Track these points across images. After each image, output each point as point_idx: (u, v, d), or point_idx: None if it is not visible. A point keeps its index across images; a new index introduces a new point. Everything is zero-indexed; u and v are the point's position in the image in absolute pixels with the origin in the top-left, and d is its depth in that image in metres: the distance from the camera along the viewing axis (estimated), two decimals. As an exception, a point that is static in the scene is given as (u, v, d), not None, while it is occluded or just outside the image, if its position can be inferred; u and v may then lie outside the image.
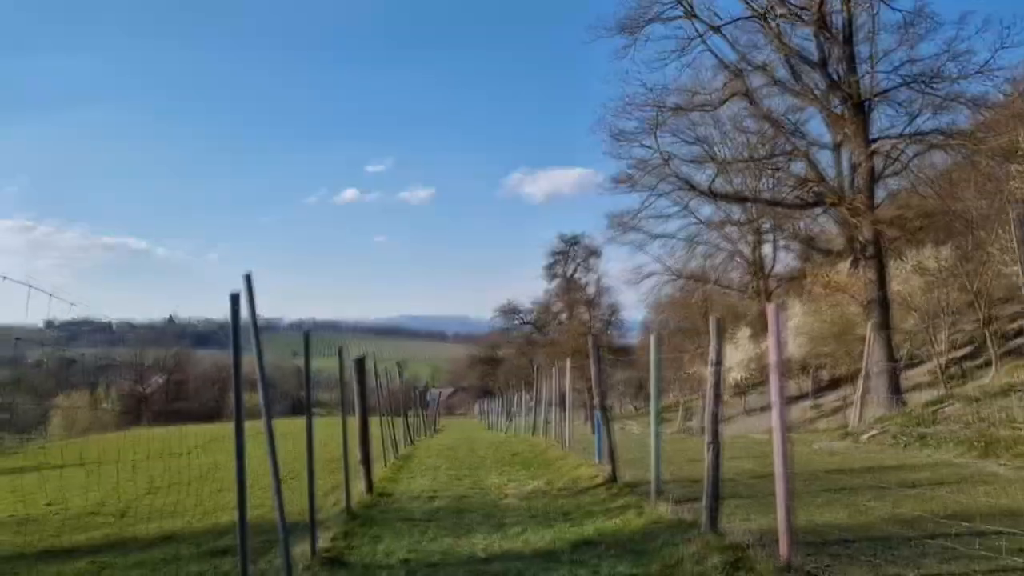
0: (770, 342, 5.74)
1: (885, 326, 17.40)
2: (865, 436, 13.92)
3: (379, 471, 13.05)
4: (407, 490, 11.04)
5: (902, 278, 25.48)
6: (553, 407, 20.24)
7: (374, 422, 14.73)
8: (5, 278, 4.07)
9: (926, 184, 20.02)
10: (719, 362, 6.68)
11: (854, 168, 18.68)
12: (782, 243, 53.98)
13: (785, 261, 55.45)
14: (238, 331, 5.36)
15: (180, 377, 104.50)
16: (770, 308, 5.98)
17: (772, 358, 5.75)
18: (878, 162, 18.83)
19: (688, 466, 12.12)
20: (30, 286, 4.18)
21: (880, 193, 34.78)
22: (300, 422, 8.69)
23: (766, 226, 51.46)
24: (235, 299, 5.22)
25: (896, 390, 17.23)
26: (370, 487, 10.47)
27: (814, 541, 6.23)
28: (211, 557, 7.35)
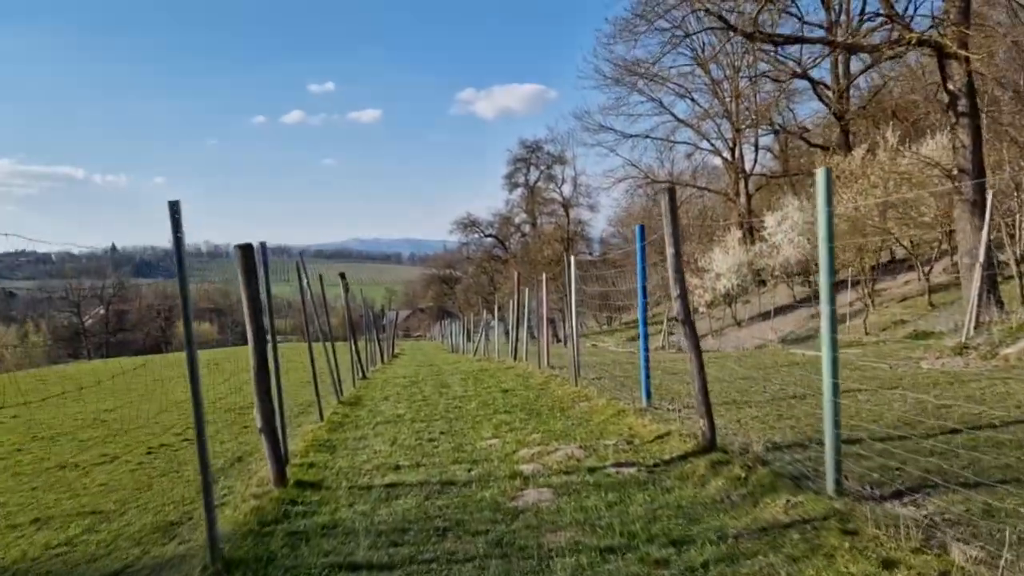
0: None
1: (980, 204, 13.20)
2: (1011, 352, 9.77)
3: (307, 433, 8.49)
4: (350, 469, 6.53)
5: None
6: (540, 326, 15.89)
7: (298, 352, 10.08)
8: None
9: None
10: None
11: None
12: (762, 141, 49.98)
13: (763, 161, 51.75)
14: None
15: (122, 307, 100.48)
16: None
17: None
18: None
19: (757, 410, 7.85)
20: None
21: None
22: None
23: (746, 123, 47.23)
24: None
25: (993, 287, 13.18)
26: (281, 474, 5.91)
27: None
28: None
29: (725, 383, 9.67)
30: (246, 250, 5.63)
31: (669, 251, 5.87)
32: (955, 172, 13.85)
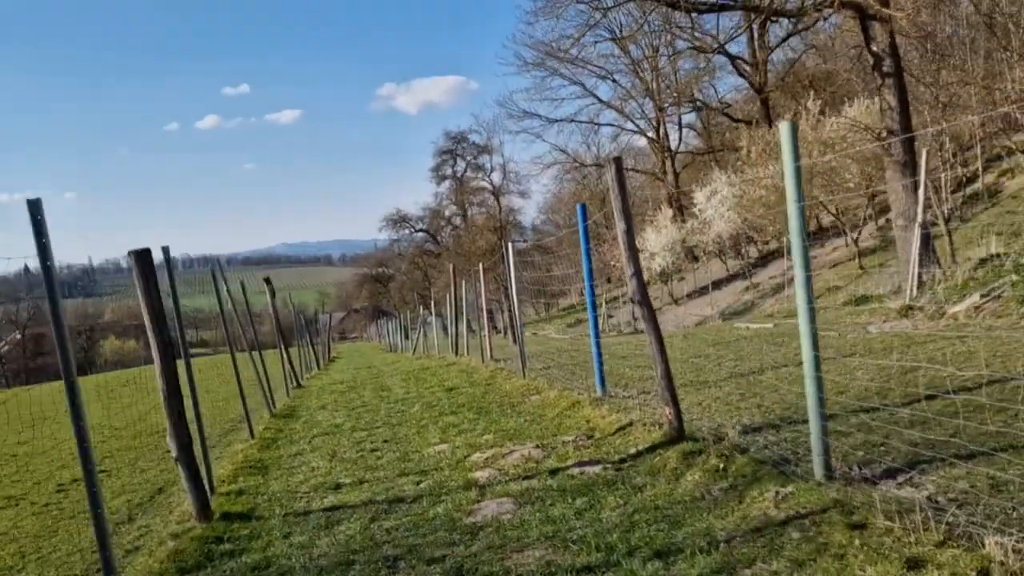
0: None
1: (911, 164, 13.25)
2: (959, 310, 9.70)
3: (235, 454, 7.76)
4: (284, 492, 5.86)
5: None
6: (480, 318, 15.39)
7: (226, 365, 9.30)
8: None
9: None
10: None
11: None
12: (685, 119, 50.45)
13: (687, 139, 52.37)
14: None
15: (39, 331, 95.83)
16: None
17: None
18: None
19: (717, 390, 7.50)
20: None
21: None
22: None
23: (668, 101, 47.57)
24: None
25: (926, 245, 13.23)
26: (204, 506, 5.21)
27: None
28: None
29: (678, 363, 9.32)
30: (143, 256, 4.89)
31: (620, 226, 5.39)
32: (883, 134, 13.89)
